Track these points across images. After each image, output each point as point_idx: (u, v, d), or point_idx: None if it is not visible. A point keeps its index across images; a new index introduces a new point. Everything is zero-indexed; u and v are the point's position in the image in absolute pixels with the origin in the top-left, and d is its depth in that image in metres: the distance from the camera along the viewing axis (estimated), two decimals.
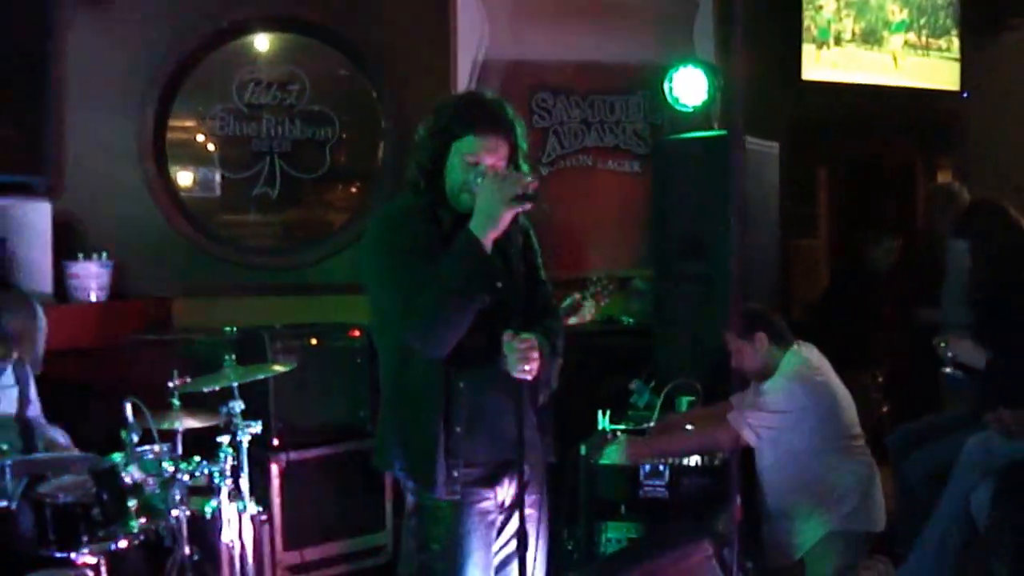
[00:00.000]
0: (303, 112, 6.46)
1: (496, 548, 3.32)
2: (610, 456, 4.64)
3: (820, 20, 7.33)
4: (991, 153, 7.98)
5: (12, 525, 3.88)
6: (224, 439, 4.39)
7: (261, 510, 4.67)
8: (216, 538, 4.34)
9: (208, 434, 4.46)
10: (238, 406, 4.47)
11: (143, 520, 4.07)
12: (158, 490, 4.17)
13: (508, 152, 3.22)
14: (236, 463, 4.42)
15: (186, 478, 4.20)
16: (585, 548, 4.73)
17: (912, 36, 7.71)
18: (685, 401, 5.32)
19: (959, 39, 7.84)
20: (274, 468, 5.13)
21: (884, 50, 7.61)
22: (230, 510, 4.35)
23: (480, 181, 3.08)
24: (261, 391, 5.00)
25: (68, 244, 5.76)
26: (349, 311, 5.42)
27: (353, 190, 6.77)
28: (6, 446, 4.16)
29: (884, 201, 8.77)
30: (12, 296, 4.79)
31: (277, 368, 4.80)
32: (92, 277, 5.74)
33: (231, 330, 5.50)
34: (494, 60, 6.68)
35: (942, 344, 4.80)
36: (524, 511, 3.16)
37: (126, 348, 5.53)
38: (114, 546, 3.94)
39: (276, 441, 5.14)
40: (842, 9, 7.42)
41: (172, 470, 4.18)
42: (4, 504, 3.86)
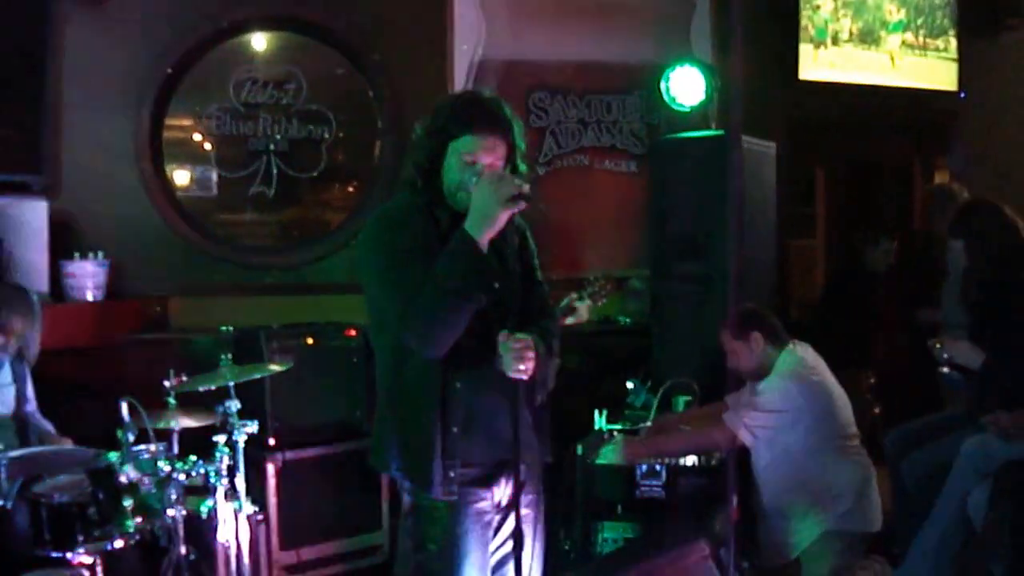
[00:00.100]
0: (300, 111, 6.44)
1: (493, 548, 3.32)
2: (607, 456, 4.64)
3: (818, 20, 7.33)
4: (989, 153, 7.98)
5: (8, 525, 3.87)
6: (220, 438, 4.39)
7: (257, 510, 4.68)
8: (212, 538, 4.33)
9: (204, 433, 4.46)
10: (234, 405, 4.47)
11: (139, 520, 4.07)
12: (154, 489, 4.17)
13: (506, 152, 3.21)
14: (232, 463, 4.42)
15: (182, 477, 4.18)
16: (582, 548, 4.73)
17: (910, 36, 7.71)
18: (682, 401, 5.32)
19: (956, 39, 7.85)
20: (270, 468, 5.13)
21: (881, 50, 7.61)
22: (226, 510, 4.34)
23: (475, 181, 3.07)
24: (257, 391, 4.99)
25: (64, 243, 5.74)
26: (346, 311, 5.41)
27: (350, 189, 6.75)
28: (2, 445, 4.16)
29: (881, 201, 8.77)
30: (9, 289, 4.78)
31: (273, 368, 4.80)
32: (88, 276, 5.73)
33: (227, 329, 5.49)
34: (491, 60, 6.68)
35: (937, 345, 4.81)
36: (520, 511, 3.17)
37: (122, 347, 5.52)
38: (110, 546, 3.93)
39: (272, 441, 5.15)
40: (839, 9, 7.42)
41: (168, 469, 4.16)
42: (0, 504, 3.86)
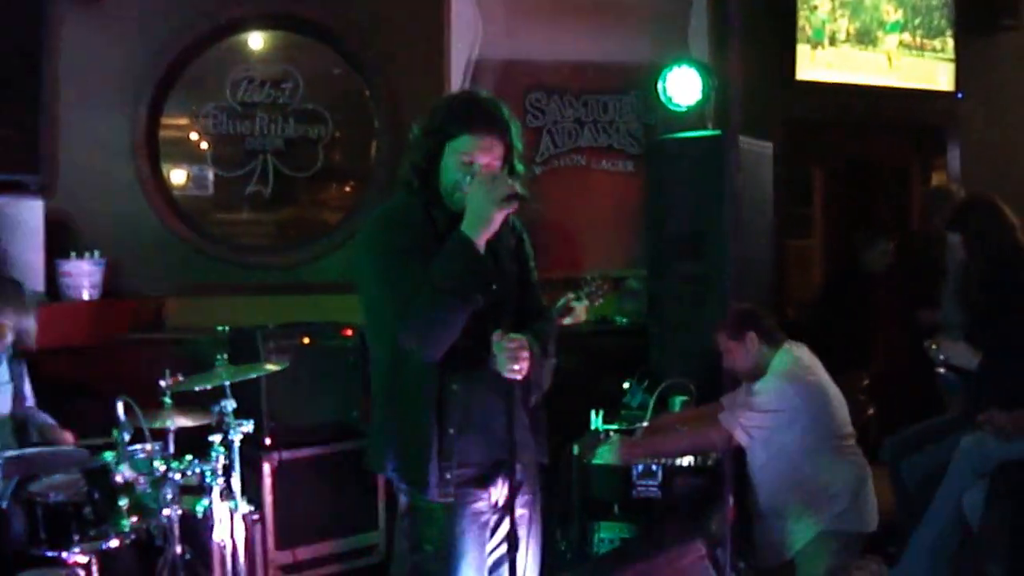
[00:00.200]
0: (297, 111, 6.43)
1: (489, 548, 3.32)
2: (603, 456, 4.64)
3: (815, 20, 7.33)
4: (986, 154, 7.97)
5: (3, 524, 3.87)
6: (216, 438, 4.38)
7: (253, 509, 4.66)
8: (208, 537, 4.33)
9: (200, 433, 4.46)
10: (230, 405, 4.48)
11: (134, 519, 4.08)
12: (150, 489, 4.18)
13: (503, 152, 3.20)
14: (228, 462, 4.42)
15: (178, 477, 4.18)
16: (578, 548, 4.73)
17: (907, 36, 7.70)
18: (678, 401, 5.32)
19: (954, 40, 7.84)
20: (266, 467, 5.12)
21: (879, 50, 7.61)
22: (222, 509, 4.34)
23: (469, 181, 3.07)
24: (253, 390, 4.99)
25: (61, 242, 5.74)
26: (342, 310, 5.40)
27: (346, 189, 6.75)
28: None
29: (879, 201, 8.77)
30: (5, 284, 4.77)
31: (269, 367, 4.79)
32: (84, 275, 5.72)
33: (224, 329, 5.49)
34: (488, 59, 6.67)
35: (933, 347, 4.81)
36: (515, 512, 3.17)
37: (118, 347, 5.51)
38: (105, 545, 3.94)
39: (268, 440, 5.14)
40: (837, 9, 7.41)
41: (164, 469, 4.16)
42: None
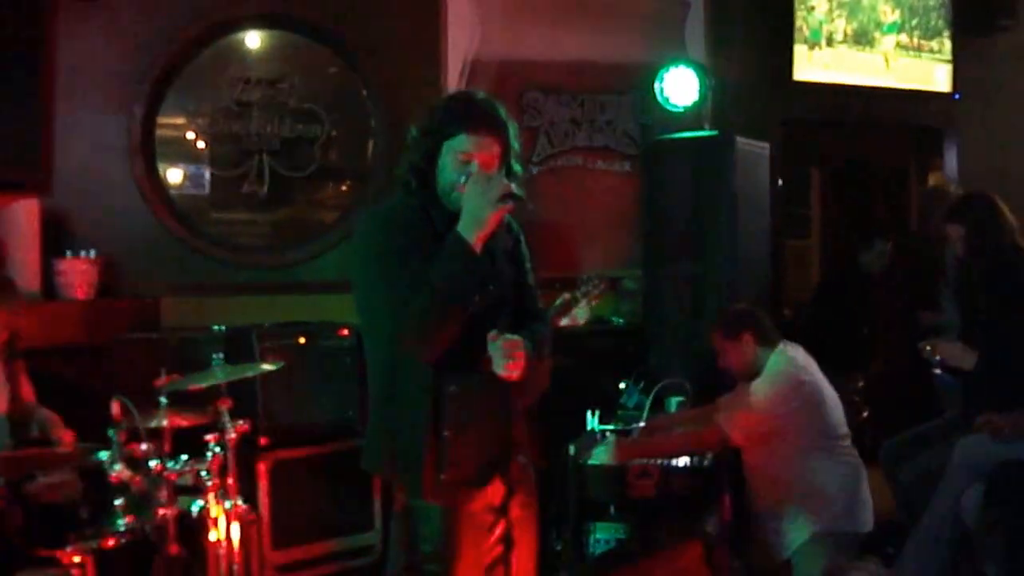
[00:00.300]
0: (293, 110, 6.42)
1: (486, 549, 3.31)
2: (599, 456, 4.63)
3: (812, 21, 7.33)
4: (983, 154, 7.98)
5: None
6: (212, 438, 4.38)
7: (249, 509, 4.65)
8: (203, 537, 4.33)
9: (196, 433, 4.46)
10: (226, 405, 4.47)
11: (130, 519, 4.05)
12: (145, 488, 4.16)
13: (500, 152, 3.20)
14: (224, 462, 4.42)
15: (173, 477, 4.19)
16: (574, 549, 4.72)
17: (904, 37, 7.71)
18: (675, 401, 5.32)
19: (951, 40, 7.84)
20: (262, 467, 5.12)
21: (876, 51, 7.61)
22: (217, 509, 4.34)
23: (463, 181, 3.07)
24: (249, 390, 4.99)
25: (57, 241, 5.73)
26: (338, 310, 5.40)
27: (343, 189, 6.73)
28: None
29: (876, 202, 8.78)
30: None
31: (265, 367, 4.79)
32: (80, 274, 5.70)
33: (219, 328, 5.48)
34: (485, 59, 6.67)
35: (927, 348, 4.81)
36: (511, 513, 3.16)
37: (114, 346, 5.49)
38: (101, 544, 3.92)
39: (264, 440, 5.14)
40: (834, 10, 7.42)
41: (159, 468, 4.16)
42: None
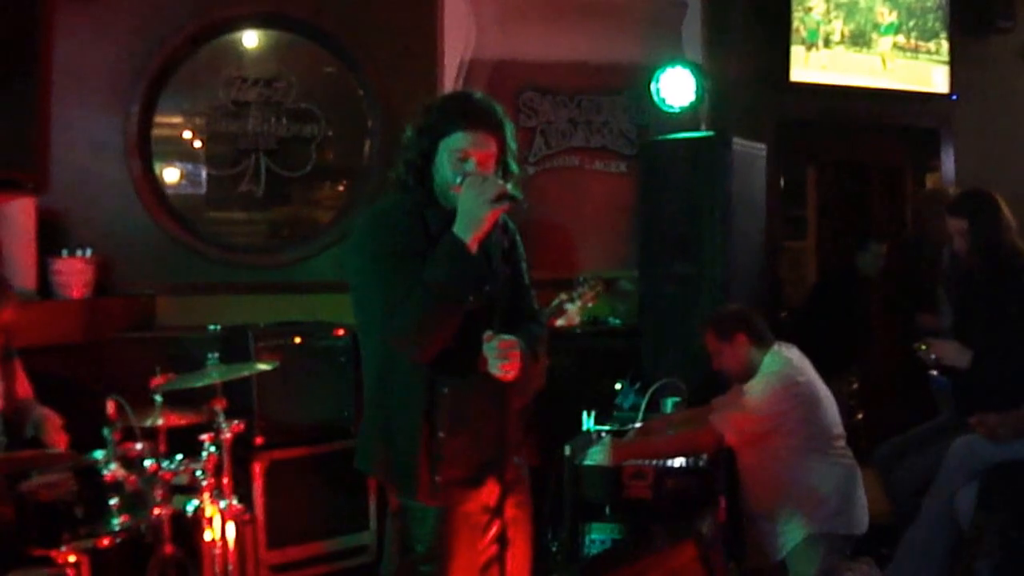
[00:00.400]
0: (289, 110, 6.42)
1: (480, 549, 3.31)
2: (594, 457, 4.62)
3: (809, 22, 7.33)
4: (980, 156, 7.98)
5: None
6: (207, 437, 4.38)
7: (244, 509, 4.65)
8: (198, 537, 4.32)
9: (191, 432, 4.46)
10: (221, 404, 4.47)
11: (125, 518, 4.05)
12: (140, 488, 4.15)
13: (497, 150, 3.20)
14: (219, 461, 4.41)
15: (168, 476, 4.18)
16: (569, 549, 4.71)
17: (901, 38, 7.70)
18: (670, 402, 5.31)
19: (948, 42, 7.84)
20: (257, 467, 5.12)
21: (873, 52, 7.61)
22: (212, 509, 4.33)
23: (459, 181, 3.07)
24: (244, 389, 5.00)
25: (53, 240, 5.73)
26: (334, 310, 5.40)
27: (339, 188, 6.73)
28: None
29: (873, 203, 8.77)
30: None
31: (261, 366, 4.79)
32: (76, 273, 5.71)
33: (215, 328, 5.48)
34: (481, 59, 6.68)
35: (922, 347, 4.80)
36: (505, 513, 3.16)
37: (109, 345, 5.50)
38: (96, 544, 3.91)
39: (259, 440, 5.15)
40: (831, 11, 7.41)
41: (154, 468, 4.15)
42: None
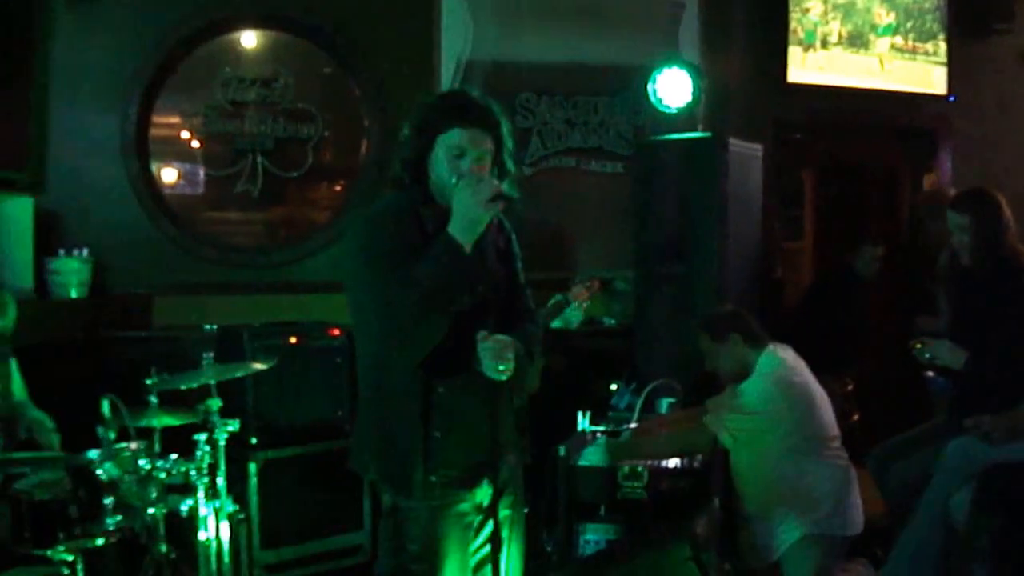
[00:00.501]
0: (286, 110, 6.44)
1: (473, 550, 3.31)
2: (590, 457, 4.63)
3: (807, 23, 7.34)
4: (978, 157, 7.98)
5: None
6: (202, 437, 4.37)
7: (238, 508, 4.67)
8: (193, 536, 4.32)
9: (186, 432, 4.45)
10: (216, 404, 4.47)
11: (120, 518, 4.04)
12: (135, 488, 4.14)
13: (493, 148, 3.20)
14: (213, 461, 4.41)
15: (163, 476, 4.18)
16: (564, 550, 4.72)
17: (899, 39, 7.71)
18: (666, 403, 5.31)
19: (946, 43, 7.84)
20: (252, 466, 5.13)
21: (870, 53, 7.61)
22: (207, 508, 4.33)
23: (455, 182, 3.06)
24: (239, 389, 5.00)
25: (49, 239, 5.74)
26: (329, 310, 5.41)
27: (336, 189, 6.74)
28: None
29: (869, 205, 8.77)
30: None
31: (256, 366, 4.78)
32: (73, 273, 5.73)
33: (210, 328, 5.49)
34: (478, 60, 6.68)
35: (918, 346, 4.79)
36: (499, 514, 3.16)
37: (105, 344, 5.50)
38: (90, 544, 3.91)
39: (254, 439, 5.15)
40: (829, 12, 7.42)
41: (149, 468, 4.15)
42: None
